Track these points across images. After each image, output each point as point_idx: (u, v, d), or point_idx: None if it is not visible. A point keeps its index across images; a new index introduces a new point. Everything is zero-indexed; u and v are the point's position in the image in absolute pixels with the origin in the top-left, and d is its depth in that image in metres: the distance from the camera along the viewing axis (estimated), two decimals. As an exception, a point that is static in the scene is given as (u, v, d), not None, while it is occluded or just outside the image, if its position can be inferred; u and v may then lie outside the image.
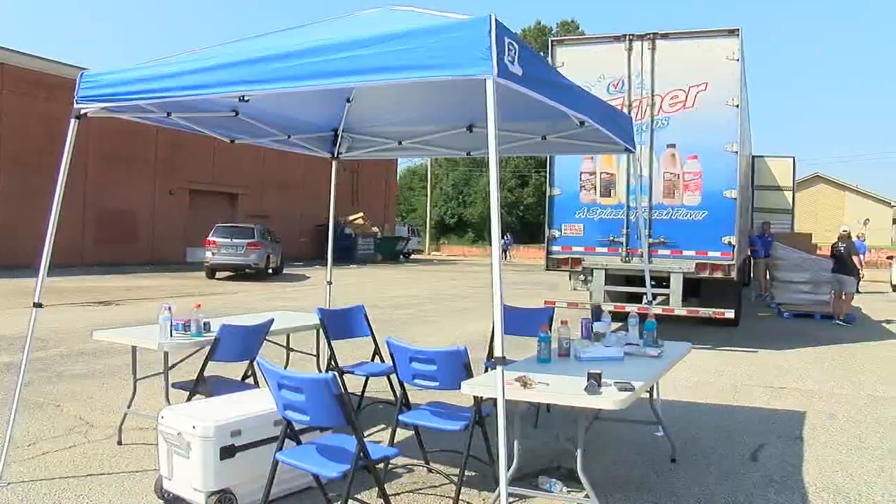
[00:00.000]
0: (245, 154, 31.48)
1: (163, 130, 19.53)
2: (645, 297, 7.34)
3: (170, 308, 5.41)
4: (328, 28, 4.80)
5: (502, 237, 45.60)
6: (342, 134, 7.44)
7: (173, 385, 5.47)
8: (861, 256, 15.42)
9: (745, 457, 5.81)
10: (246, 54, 4.20)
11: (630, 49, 11.27)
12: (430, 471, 5.18)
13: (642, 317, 5.76)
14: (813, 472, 5.50)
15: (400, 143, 7.38)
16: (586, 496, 4.16)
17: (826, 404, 7.69)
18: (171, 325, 5.41)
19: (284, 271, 28.13)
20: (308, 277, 26.47)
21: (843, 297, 15.46)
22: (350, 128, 7.40)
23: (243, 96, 5.01)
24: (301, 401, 3.74)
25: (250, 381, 6.03)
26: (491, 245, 3.70)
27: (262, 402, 4.51)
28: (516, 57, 3.71)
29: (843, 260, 15.41)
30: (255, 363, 5.80)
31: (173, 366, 5.57)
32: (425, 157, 54.05)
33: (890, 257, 28.11)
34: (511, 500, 4.60)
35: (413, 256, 49.36)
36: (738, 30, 10.75)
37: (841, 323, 14.98)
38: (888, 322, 15.72)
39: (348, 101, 6.83)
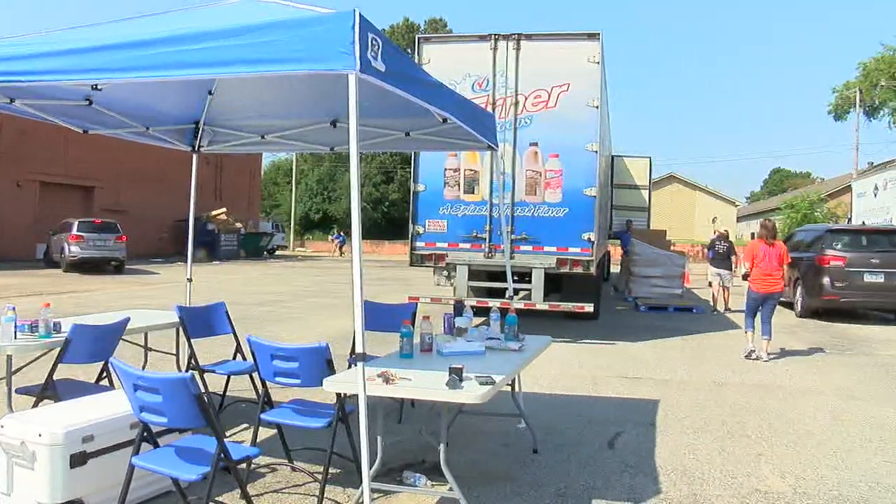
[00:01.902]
0: (101, 145, 29.89)
1: (8, 117, 18.42)
2: (507, 292, 7.49)
3: (13, 308, 5.10)
4: (188, 17, 4.65)
5: (338, 235, 45.09)
6: (203, 127, 7.20)
7: (17, 391, 5.14)
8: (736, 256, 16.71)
9: (603, 445, 6.03)
10: (100, 40, 4.00)
11: (495, 49, 11.46)
12: (293, 469, 5.12)
13: (504, 312, 5.87)
14: (664, 455, 5.79)
15: (263, 137, 7.23)
16: (450, 489, 4.21)
17: (677, 392, 8.08)
18: (16, 325, 5.10)
19: (137, 268, 27.82)
20: (158, 274, 25.74)
21: (724, 289, 16.80)
22: (212, 121, 7.18)
23: (96, 84, 4.79)
24: (158, 402, 3.61)
25: (105, 383, 5.78)
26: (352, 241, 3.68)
27: (118, 404, 4.32)
28: (380, 52, 3.72)
29: (725, 257, 16.76)
30: (109, 364, 5.58)
31: (18, 370, 5.27)
32: (289, 152, 53.29)
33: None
34: (375, 496, 4.61)
35: (278, 253, 48.69)
36: (598, 34, 11.12)
37: (717, 312, 16.44)
38: (728, 311, 16.70)
39: (210, 93, 6.62)
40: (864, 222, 27.50)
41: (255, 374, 5.61)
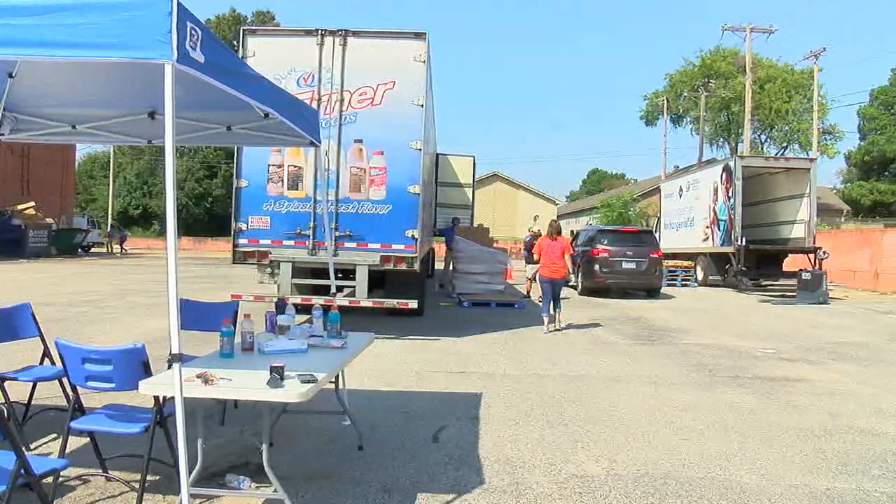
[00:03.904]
0: None
1: None
2: (331, 289, 7.46)
3: None
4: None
5: (113, 229, 43.71)
6: (4, 113, 6.65)
7: None
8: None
9: (427, 439, 6.13)
10: None
11: (322, 44, 11.38)
12: (108, 479, 4.86)
13: (326, 309, 5.86)
14: (487, 447, 5.95)
15: (74, 127, 6.79)
16: (275, 490, 4.16)
17: (500, 384, 8.33)
18: None
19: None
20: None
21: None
22: (14, 107, 6.62)
23: None
24: (-56, 416, 3.32)
25: None
26: (167, 238, 3.55)
27: None
28: (199, 43, 3.60)
29: None
30: None
31: None
32: (104, 144, 50.69)
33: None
34: (197, 501, 4.48)
35: (94, 250, 46.33)
36: (424, 33, 11.27)
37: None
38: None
39: (11, 75, 6.11)
40: (669, 221, 29.45)
41: (65, 380, 5.28)
